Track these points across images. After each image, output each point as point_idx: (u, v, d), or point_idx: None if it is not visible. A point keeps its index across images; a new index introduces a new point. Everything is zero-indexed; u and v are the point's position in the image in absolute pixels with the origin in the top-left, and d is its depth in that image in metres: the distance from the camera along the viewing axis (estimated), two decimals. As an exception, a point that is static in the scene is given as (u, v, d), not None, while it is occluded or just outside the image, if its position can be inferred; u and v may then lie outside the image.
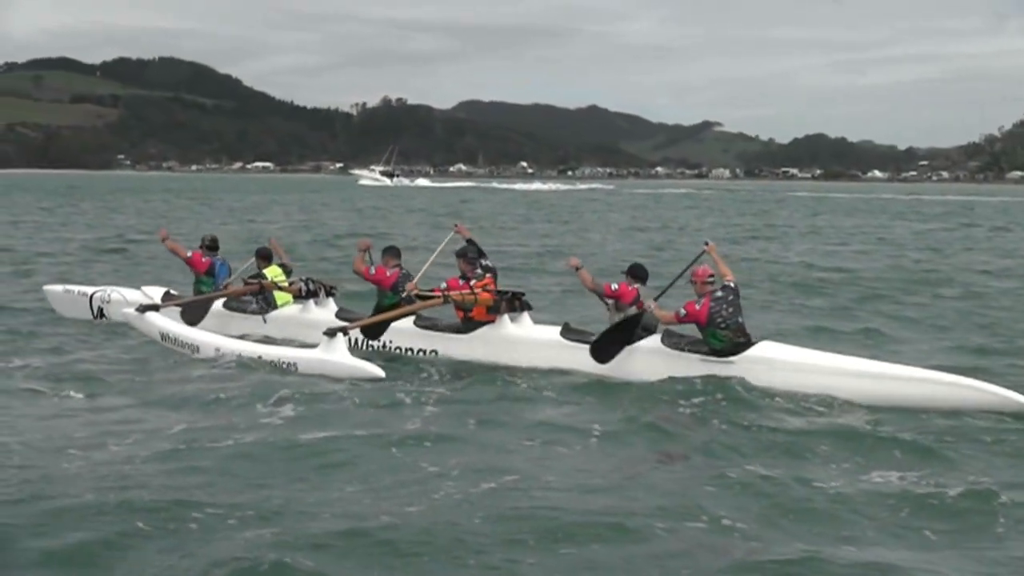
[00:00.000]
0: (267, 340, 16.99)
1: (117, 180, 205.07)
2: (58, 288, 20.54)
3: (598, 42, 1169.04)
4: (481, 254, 16.57)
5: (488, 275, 16.18)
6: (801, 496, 9.73)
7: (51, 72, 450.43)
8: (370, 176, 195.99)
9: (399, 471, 10.32)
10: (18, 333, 18.33)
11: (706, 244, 15.34)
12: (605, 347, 14.84)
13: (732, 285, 14.54)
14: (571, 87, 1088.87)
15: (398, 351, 16.38)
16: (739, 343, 14.21)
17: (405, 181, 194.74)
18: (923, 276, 31.13)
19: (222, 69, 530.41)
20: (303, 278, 17.97)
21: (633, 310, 14.96)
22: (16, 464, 10.27)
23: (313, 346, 15.47)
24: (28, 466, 10.20)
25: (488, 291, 15.96)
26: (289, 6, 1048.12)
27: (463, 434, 11.80)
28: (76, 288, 20.31)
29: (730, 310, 14.25)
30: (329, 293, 17.80)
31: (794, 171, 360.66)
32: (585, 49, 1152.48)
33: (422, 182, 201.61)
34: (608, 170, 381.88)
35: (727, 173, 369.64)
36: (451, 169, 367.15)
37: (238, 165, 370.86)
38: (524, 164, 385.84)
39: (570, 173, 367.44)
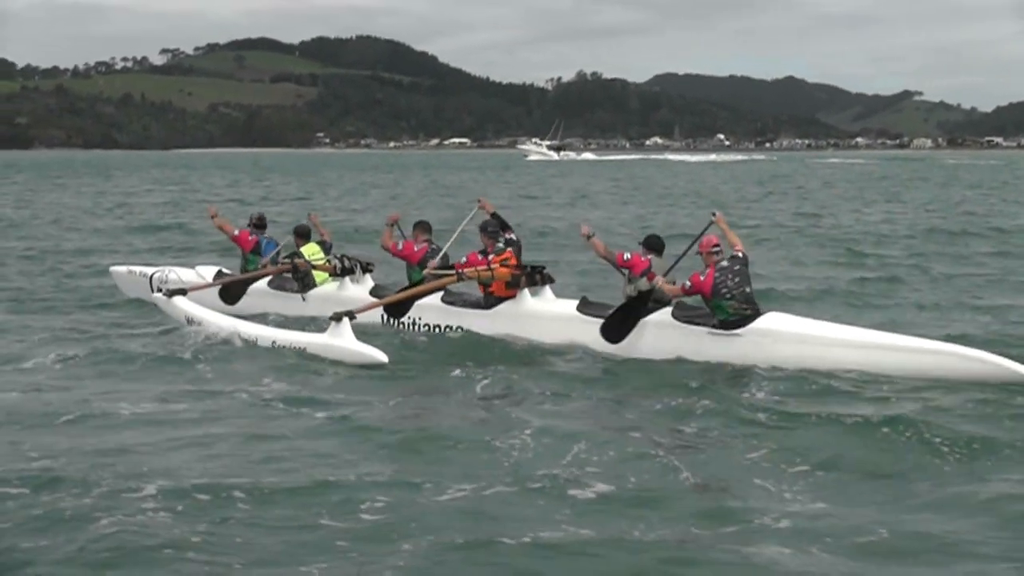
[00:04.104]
0: (307, 319, 17.18)
1: (321, 157, 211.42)
2: (123, 269, 21.31)
3: (795, 12, 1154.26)
4: (505, 227, 16.46)
5: (509, 249, 16.00)
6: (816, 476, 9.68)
7: (252, 52, 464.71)
8: (537, 151, 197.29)
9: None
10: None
11: (714, 215, 15.19)
12: (615, 327, 14.74)
13: (740, 255, 14.30)
14: (767, 58, 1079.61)
15: (426, 328, 16.44)
16: (746, 315, 13.96)
17: (572, 155, 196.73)
18: None
19: (418, 47, 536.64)
20: (338, 256, 17.90)
21: (644, 281, 14.59)
22: None
23: None
24: None
25: (506, 266, 15.79)
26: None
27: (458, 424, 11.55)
28: (138, 269, 20.97)
29: (736, 280, 13.96)
30: (366, 270, 17.72)
31: (998, 140, 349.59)
32: (781, 19, 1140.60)
33: (588, 156, 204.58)
34: (806, 142, 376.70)
35: (929, 143, 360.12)
36: (647, 143, 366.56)
37: (435, 142, 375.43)
38: (721, 136, 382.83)
39: (768, 145, 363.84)
